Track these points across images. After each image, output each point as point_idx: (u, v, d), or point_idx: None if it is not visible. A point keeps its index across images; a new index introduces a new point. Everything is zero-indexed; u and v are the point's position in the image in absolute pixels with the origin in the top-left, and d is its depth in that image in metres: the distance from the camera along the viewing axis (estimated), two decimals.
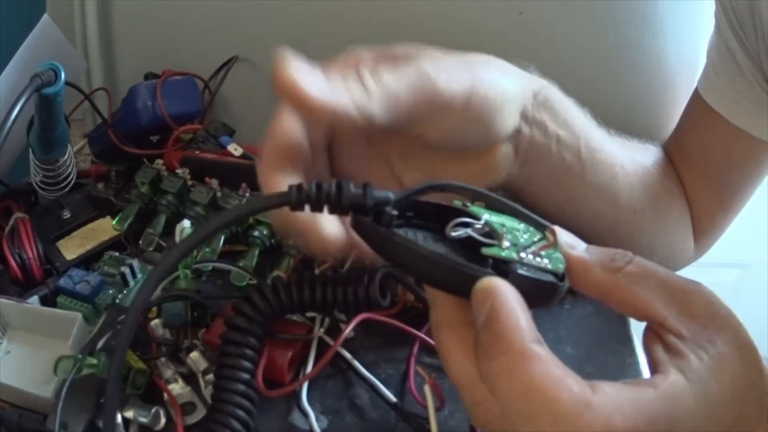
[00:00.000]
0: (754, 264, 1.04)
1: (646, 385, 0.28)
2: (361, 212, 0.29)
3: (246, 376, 0.41)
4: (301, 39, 0.75)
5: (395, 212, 0.29)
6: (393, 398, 0.45)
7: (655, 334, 0.31)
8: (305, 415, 0.44)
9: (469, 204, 0.32)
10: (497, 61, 0.43)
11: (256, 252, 0.55)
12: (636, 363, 0.50)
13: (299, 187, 0.29)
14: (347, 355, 0.48)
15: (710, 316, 0.30)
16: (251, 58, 0.77)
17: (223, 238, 0.56)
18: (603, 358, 0.50)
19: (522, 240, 0.30)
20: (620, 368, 0.49)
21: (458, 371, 0.29)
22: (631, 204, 0.51)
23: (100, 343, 0.44)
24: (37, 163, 0.56)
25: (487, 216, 0.30)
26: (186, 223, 0.57)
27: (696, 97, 0.56)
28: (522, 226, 0.31)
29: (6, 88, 0.52)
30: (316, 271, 0.52)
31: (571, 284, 0.31)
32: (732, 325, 0.30)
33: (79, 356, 0.42)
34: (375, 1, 0.71)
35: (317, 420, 0.44)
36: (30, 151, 0.55)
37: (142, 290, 0.31)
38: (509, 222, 0.31)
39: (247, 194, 0.57)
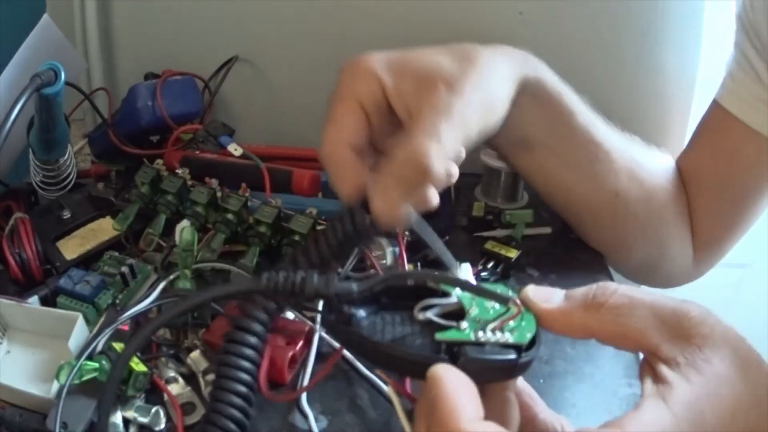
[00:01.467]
0: (754, 264, 1.04)
1: (613, 427, 0.27)
2: (325, 301, 0.32)
3: (246, 376, 0.41)
4: (301, 39, 0.76)
5: (355, 311, 0.32)
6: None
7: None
8: (305, 415, 0.44)
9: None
10: (491, 63, 0.45)
11: (256, 252, 0.55)
12: (636, 363, 0.50)
13: (269, 276, 0.32)
14: (348, 355, 0.48)
15: (705, 335, 0.29)
16: (251, 58, 0.77)
17: (223, 238, 0.56)
18: (602, 358, 0.50)
19: (491, 313, 0.31)
20: (620, 368, 0.49)
21: None
22: (615, 189, 0.55)
23: (100, 345, 0.44)
24: (37, 163, 0.56)
25: (458, 292, 0.32)
26: (186, 222, 0.57)
27: (712, 106, 0.58)
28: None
29: (6, 88, 0.52)
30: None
31: (557, 334, 0.32)
32: (730, 340, 0.29)
33: (80, 363, 0.42)
34: (375, 1, 0.71)
35: (317, 420, 0.44)
36: (30, 151, 0.55)
37: (117, 364, 0.36)
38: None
39: (247, 194, 0.57)
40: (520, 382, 0.33)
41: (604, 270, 0.60)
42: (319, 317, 0.49)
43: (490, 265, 0.57)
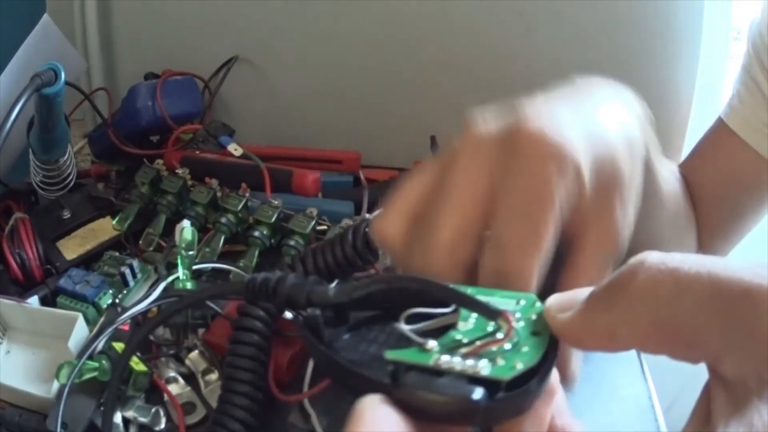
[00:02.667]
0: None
1: None
2: (297, 306, 0.27)
3: (254, 377, 0.41)
4: (301, 39, 0.76)
5: (320, 318, 0.26)
6: None
7: (706, 393, 0.20)
8: (305, 415, 0.44)
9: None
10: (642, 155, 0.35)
11: (256, 252, 0.55)
12: (637, 362, 0.50)
13: (252, 278, 0.29)
14: None
15: None
16: (251, 58, 0.77)
17: (223, 238, 0.56)
18: (602, 357, 0.50)
19: (485, 332, 0.24)
20: (620, 368, 0.49)
21: None
22: (655, 231, 0.47)
23: (100, 345, 0.44)
24: (37, 163, 0.56)
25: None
26: (186, 222, 0.57)
27: (717, 123, 0.58)
28: (512, 308, 0.25)
29: (6, 88, 0.52)
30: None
31: (589, 351, 0.24)
32: None
33: (81, 362, 0.42)
34: (375, 1, 0.71)
35: (317, 420, 0.44)
36: (30, 151, 0.55)
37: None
38: (499, 302, 0.25)
39: (247, 194, 0.57)
40: (563, 420, 0.24)
41: None
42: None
43: None
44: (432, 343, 0.23)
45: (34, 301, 0.50)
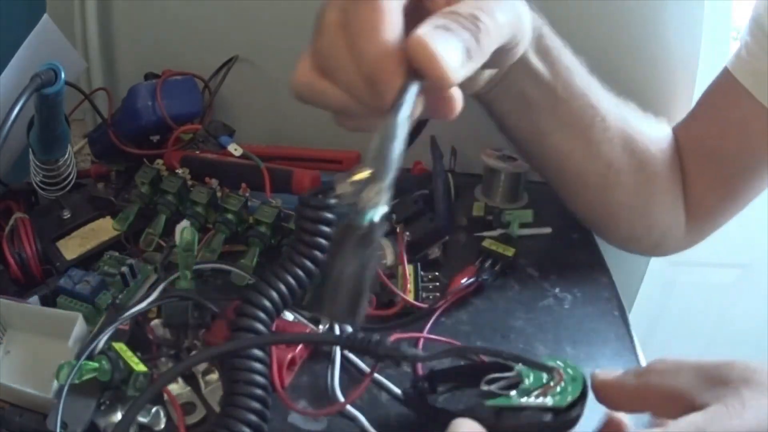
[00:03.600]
0: (754, 264, 1.04)
1: None
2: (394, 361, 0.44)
3: (261, 379, 0.41)
4: (301, 39, 0.75)
5: (426, 387, 0.43)
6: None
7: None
8: (306, 415, 0.44)
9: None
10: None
11: (256, 252, 0.55)
12: (636, 363, 0.50)
13: (350, 335, 0.41)
14: (350, 355, 0.48)
15: (746, 379, 0.32)
16: (251, 58, 0.77)
17: (223, 238, 0.57)
18: (603, 357, 0.50)
19: (543, 382, 0.38)
20: (620, 368, 0.49)
21: None
22: (608, 158, 0.54)
23: (100, 344, 0.44)
24: (37, 163, 0.56)
25: (519, 366, 0.39)
26: (186, 222, 0.57)
27: (722, 75, 0.57)
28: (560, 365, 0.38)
29: (6, 88, 0.52)
30: None
31: (610, 407, 0.36)
32: None
33: (80, 362, 0.42)
34: None
35: (317, 420, 0.44)
36: (30, 151, 0.55)
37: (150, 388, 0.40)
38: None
39: (247, 194, 0.57)
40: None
41: (604, 270, 0.60)
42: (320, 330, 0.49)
43: (487, 264, 0.57)
44: (513, 392, 0.37)
45: (34, 301, 0.50)
